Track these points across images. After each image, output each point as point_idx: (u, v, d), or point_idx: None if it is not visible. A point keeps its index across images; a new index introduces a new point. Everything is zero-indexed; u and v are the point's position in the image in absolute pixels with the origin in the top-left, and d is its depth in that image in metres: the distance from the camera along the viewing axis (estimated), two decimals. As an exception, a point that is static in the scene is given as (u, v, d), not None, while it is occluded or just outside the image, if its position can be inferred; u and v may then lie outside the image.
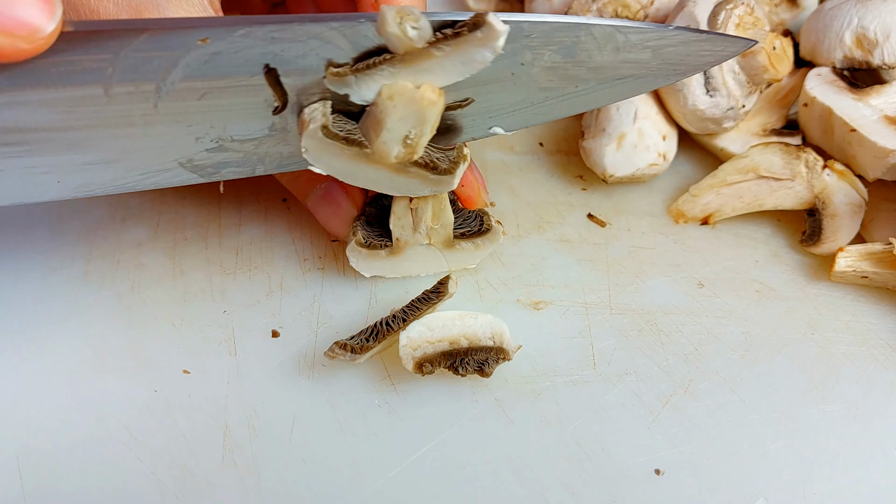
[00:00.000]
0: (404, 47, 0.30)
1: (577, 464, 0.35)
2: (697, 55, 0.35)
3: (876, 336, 0.39)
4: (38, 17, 0.26)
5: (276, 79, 0.32)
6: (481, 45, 0.31)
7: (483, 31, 0.30)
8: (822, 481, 0.34)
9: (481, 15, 0.30)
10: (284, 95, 0.33)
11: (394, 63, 0.31)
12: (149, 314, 0.41)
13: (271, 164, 0.36)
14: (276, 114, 0.33)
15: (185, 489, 0.34)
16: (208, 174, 0.35)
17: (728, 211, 0.44)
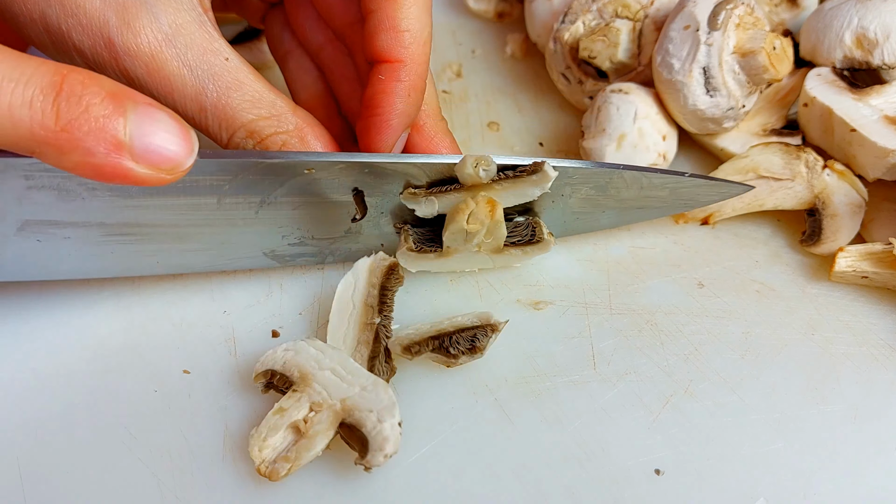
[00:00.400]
0: (472, 182, 0.37)
1: (577, 464, 0.35)
2: (706, 195, 0.42)
3: (876, 336, 0.39)
4: (180, 153, 0.28)
5: (361, 198, 0.38)
6: (534, 184, 0.37)
7: (538, 176, 0.37)
8: (822, 481, 0.34)
9: (539, 163, 0.37)
10: (365, 209, 0.39)
11: (460, 191, 0.37)
12: (149, 314, 0.41)
13: (339, 256, 0.42)
14: (355, 222, 0.39)
15: (185, 489, 0.34)
16: (285, 262, 0.41)
17: (728, 211, 0.44)
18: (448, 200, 0.38)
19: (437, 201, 0.38)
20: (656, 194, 0.41)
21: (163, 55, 0.35)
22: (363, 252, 0.40)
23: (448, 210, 0.38)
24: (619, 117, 0.44)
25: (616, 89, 0.46)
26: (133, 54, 0.35)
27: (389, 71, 0.38)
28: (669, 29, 0.44)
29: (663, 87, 0.45)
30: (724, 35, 0.43)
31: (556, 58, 0.51)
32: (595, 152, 0.45)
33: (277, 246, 0.40)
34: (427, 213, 0.38)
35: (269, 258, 0.40)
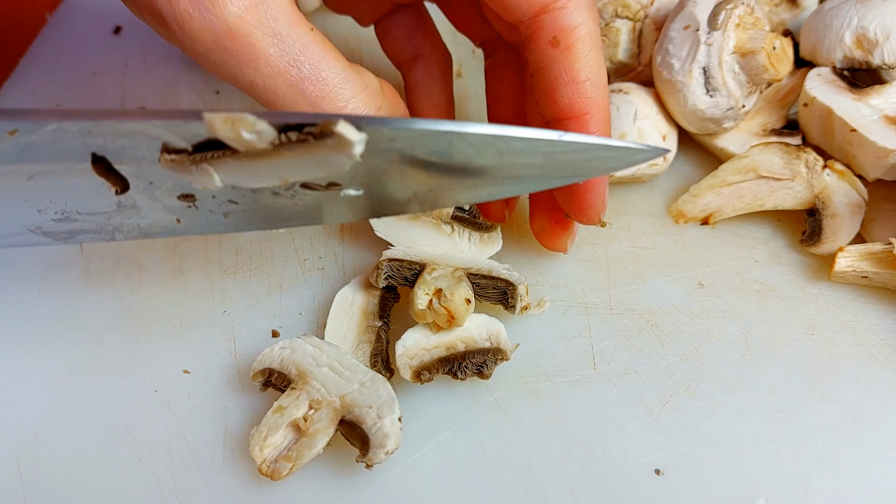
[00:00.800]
0: (245, 148, 0.28)
1: (577, 464, 0.35)
2: (600, 160, 0.32)
3: (876, 336, 0.39)
4: None
5: (107, 167, 0.31)
6: (334, 150, 0.28)
7: (333, 140, 0.27)
8: (822, 481, 0.34)
9: (329, 123, 0.27)
10: (123, 180, 0.31)
11: (238, 157, 0.28)
12: (149, 314, 0.41)
13: (131, 233, 0.35)
14: (120, 194, 0.32)
15: (185, 489, 0.34)
16: (63, 239, 0.35)
17: (728, 211, 0.44)
18: (230, 169, 0.29)
19: (212, 170, 0.29)
20: (526, 161, 0.31)
21: (249, 21, 0.30)
22: (157, 227, 0.34)
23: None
24: (619, 117, 0.44)
25: (616, 89, 0.46)
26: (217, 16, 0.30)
27: (577, 126, 0.35)
28: (669, 29, 0.44)
29: (663, 86, 0.45)
30: (724, 35, 0.43)
31: None
32: (595, 152, 0.45)
33: (40, 222, 0.33)
34: (208, 184, 0.30)
35: (40, 235, 0.34)
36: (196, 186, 0.30)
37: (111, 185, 0.31)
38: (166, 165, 0.29)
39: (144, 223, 0.34)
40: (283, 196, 0.32)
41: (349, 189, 0.32)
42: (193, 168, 0.29)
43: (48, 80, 0.56)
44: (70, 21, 0.61)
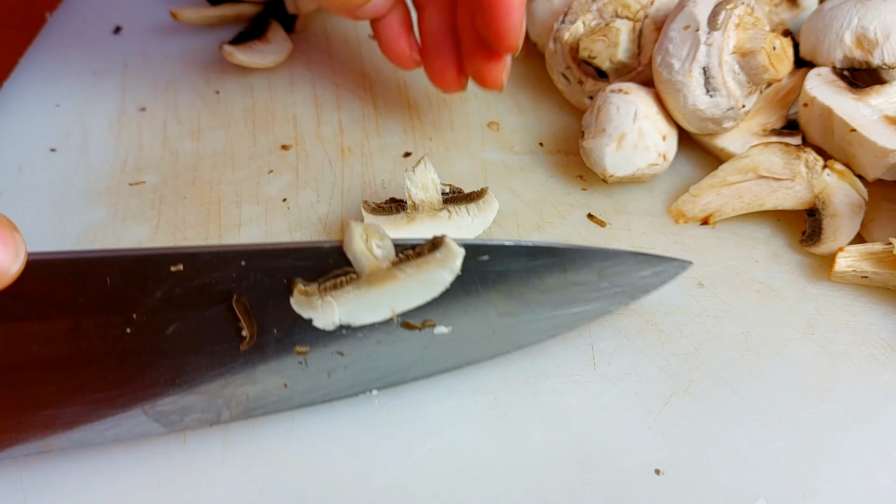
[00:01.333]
0: (370, 267, 0.31)
1: (577, 464, 0.35)
2: (641, 278, 0.37)
3: (876, 336, 0.39)
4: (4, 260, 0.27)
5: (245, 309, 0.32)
6: (440, 265, 0.32)
7: (441, 252, 0.32)
8: (822, 481, 0.34)
9: (439, 237, 0.32)
10: (253, 324, 0.32)
11: (359, 284, 0.32)
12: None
13: (237, 409, 0.35)
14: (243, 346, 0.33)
15: (185, 489, 0.34)
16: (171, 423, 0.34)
17: (728, 211, 0.44)
18: (349, 300, 0.32)
19: (335, 302, 0.32)
20: (583, 279, 0.35)
21: None
22: (262, 399, 0.34)
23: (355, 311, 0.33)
24: (619, 117, 0.44)
25: (616, 89, 0.46)
26: None
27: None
28: (669, 29, 0.44)
29: (663, 87, 0.45)
30: (724, 35, 0.43)
31: (556, 58, 0.51)
32: (595, 152, 0.45)
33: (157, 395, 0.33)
34: (327, 323, 0.32)
35: (151, 419, 0.33)
36: (316, 324, 0.32)
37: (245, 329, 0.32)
38: (297, 302, 0.32)
39: (253, 393, 0.34)
40: (385, 343, 0.34)
41: (441, 326, 0.35)
42: (319, 302, 0.32)
43: (48, 80, 0.56)
44: (70, 21, 0.61)
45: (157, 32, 0.59)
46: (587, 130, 0.46)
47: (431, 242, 0.32)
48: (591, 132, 0.45)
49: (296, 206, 0.46)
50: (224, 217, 0.46)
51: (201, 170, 0.49)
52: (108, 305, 0.31)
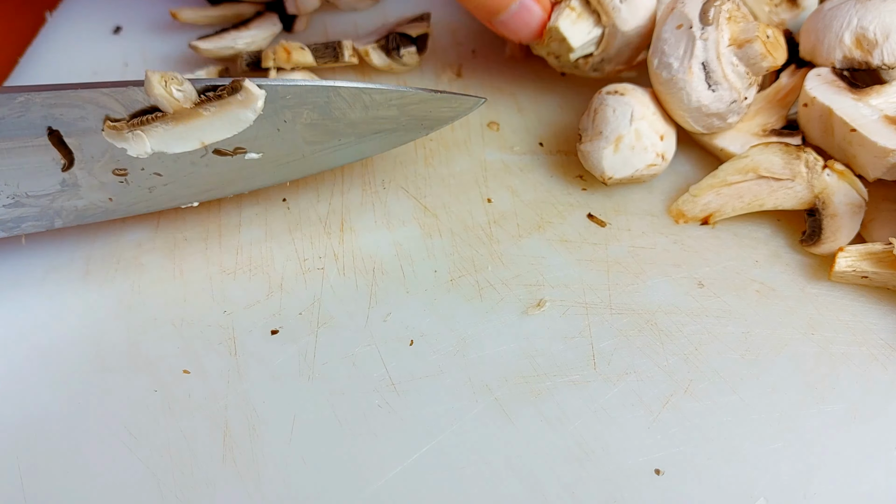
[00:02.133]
0: (173, 107, 0.34)
1: (577, 464, 0.35)
2: (438, 110, 0.41)
3: (876, 336, 0.39)
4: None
5: (59, 139, 0.35)
6: (243, 106, 0.35)
7: (242, 95, 0.35)
8: (822, 481, 0.34)
9: (238, 80, 0.35)
10: (70, 154, 0.36)
11: (166, 120, 0.35)
12: (149, 314, 0.41)
13: (68, 217, 0.39)
14: (65, 171, 0.36)
15: (185, 489, 0.34)
16: (8, 228, 0.39)
17: (728, 211, 0.44)
18: (159, 135, 0.35)
19: (145, 136, 0.35)
20: (386, 114, 0.39)
21: None
22: (91, 210, 0.39)
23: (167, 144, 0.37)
24: (615, 119, 0.44)
25: (612, 91, 0.46)
26: None
27: None
28: (662, 31, 0.44)
29: (663, 88, 0.45)
30: (718, 29, 0.43)
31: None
32: (593, 155, 0.45)
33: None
34: (140, 152, 0.36)
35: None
36: (131, 155, 0.36)
37: (61, 158, 0.36)
38: (108, 133, 0.35)
39: (81, 204, 0.38)
40: (199, 165, 0.38)
41: (252, 153, 0.38)
42: (129, 135, 0.35)
43: (48, 80, 0.55)
44: (70, 21, 0.61)
45: (157, 32, 0.59)
46: (584, 133, 0.46)
47: (231, 86, 0.35)
48: (588, 135, 0.45)
49: (296, 206, 0.46)
50: (224, 217, 0.46)
51: (201, 170, 0.49)
52: None
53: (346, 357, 0.39)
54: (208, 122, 0.35)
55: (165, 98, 0.34)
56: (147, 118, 0.35)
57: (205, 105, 0.35)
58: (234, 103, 0.35)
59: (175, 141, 0.36)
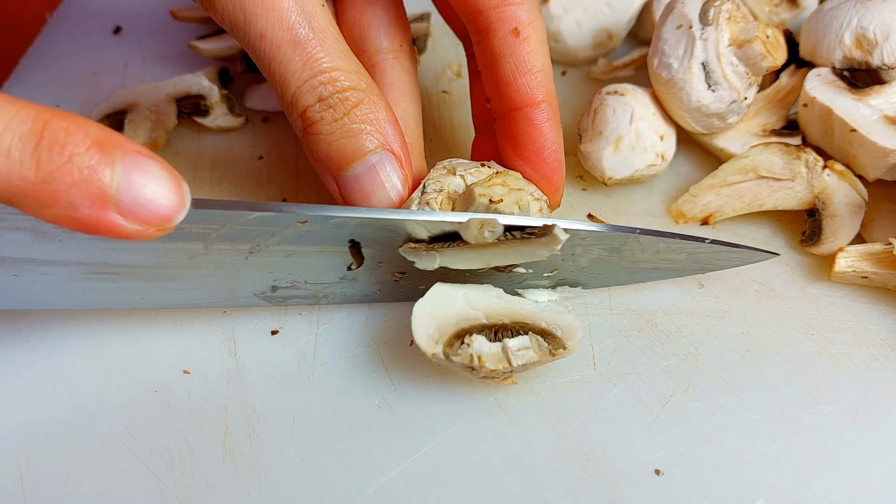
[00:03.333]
0: (477, 242, 0.34)
1: (577, 464, 0.35)
2: (726, 261, 0.40)
3: (876, 336, 0.39)
4: (171, 207, 0.27)
5: (358, 249, 0.36)
6: (542, 246, 0.35)
7: (547, 239, 0.34)
8: (822, 481, 0.34)
9: (549, 226, 0.34)
10: (362, 259, 0.37)
11: (463, 247, 0.35)
12: (149, 314, 0.41)
13: (334, 299, 0.40)
14: (350, 270, 0.37)
15: (185, 489, 0.34)
16: (276, 302, 0.40)
17: (728, 211, 0.44)
18: (450, 255, 0.36)
19: (438, 256, 0.36)
20: (673, 258, 0.39)
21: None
22: (359, 296, 0.40)
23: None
24: (615, 119, 0.44)
25: (611, 91, 0.46)
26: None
27: (535, 114, 0.38)
28: (662, 31, 0.44)
29: (664, 88, 0.45)
30: (718, 29, 0.43)
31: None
32: (592, 155, 0.45)
33: (268, 289, 0.38)
34: (428, 266, 0.36)
35: (260, 299, 0.39)
36: (417, 266, 0.36)
37: (354, 262, 0.37)
38: (405, 251, 0.36)
39: (351, 292, 0.39)
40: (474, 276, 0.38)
41: (521, 268, 0.38)
42: (424, 254, 0.35)
43: (48, 80, 0.56)
44: (70, 21, 0.61)
45: (157, 32, 0.59)
46: (584, 134, 0.46)
47: (541, 230, 0.34)
48: (589, 135, 0.45)
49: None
50: (224, 217, 0.46)
51: (201, 170, 0.49)
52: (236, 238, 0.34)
53: (346, 357, 0.39)
54: (502, 252, 0.35)
55: (475, 238, 0.34)
56: (448, 244, 0.35)
57: (507, 242, 0.35)
58: (535, 244, 0.35)
59: (464, 261, 0.36)
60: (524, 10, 0.38)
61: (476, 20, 0.39)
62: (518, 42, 0.38)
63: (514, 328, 0.36)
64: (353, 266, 0.37)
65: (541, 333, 0.36)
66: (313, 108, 0.36)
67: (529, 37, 0.38)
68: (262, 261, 0.36)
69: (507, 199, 0.36)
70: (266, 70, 0.36)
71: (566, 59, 0.55)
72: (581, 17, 0.53)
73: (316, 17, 0.35)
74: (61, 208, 0.25)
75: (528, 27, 0.38)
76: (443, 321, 0.36)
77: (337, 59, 0.35)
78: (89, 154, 0.25)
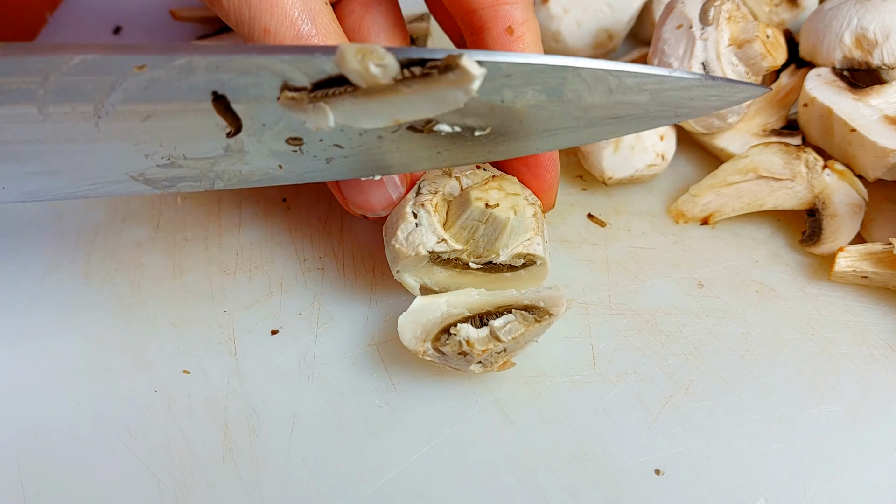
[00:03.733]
0: (367, 82, 0.28)
1: (577, 464, 0.35)
2: (702, 99, 0.33)
3: (876, 336, 0.39)
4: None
5: (226, 105, 0.31)
6: (454, 86, 0.28)
7: (455, 74, 0.27)
8: (822, 481, 0.34)
9: (454, 57, 0.27)
10: (237, 121, 0.31)
11: (356, 95, 0.29)
12: (149, 314, 0.41)
13: (231, 180, 0.35)
14: (231, 137, 0.32)
15: (185, 489, 0.34)
16: (163, 187, 0.35)
17: (728, 211, 0.44)
18: (345, 108, 0.30)
19: (328, 108, 0.30)
20: (633, 99, 0.32)
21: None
22: (257, 175, 0.34)
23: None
24: (618, 118, 0.44)
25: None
26: None
27: None
28: (662, 31, 0.44)
29: (663, 87, 0.45)
30: (718, 29, 0.43)
31: None
32: (593, 155, 0.45)
33: (144, 168, 0.33)
34: (321, 124, 0.30)
35: (140, 182, 0.34)
36: (309, 127, 0.30)
37: (227, 125, 0.31)
38: (284, 104, 0.30)
39: (246, 169, 0.34)
40: (387, 139, 0.32)
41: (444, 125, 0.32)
42: (310, 107, 0.29)
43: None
44: (70, 21, 0.61)
45: (157, 32, 0.59)
46: (587, 131, 0.46)
47: (444, 62, 0.28)
48: (591, 133, 0.45)
49: (296, 206, 0.46)
50: (224, 217, 0.46)
51: (201, 170, 0.49)
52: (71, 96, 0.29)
53: (346, 357, 0.39)
54: (408, 99, 0.29)
55: (361, 74, 0.28)
56: (334, 91, 0.29)
57: (407, 82, 0.28)
58: (443, 82, 0.28)
59: (364, 117, 0.30)
60: (518, 9, 0.38)
61: (470, 19, 0.39)
62: (512, 41, 0.38)
63: (498, 312, 0.36)
64: (231, 133, 0.32)
65: (524, 309, 0.36)
66: None
67: (523, 35, 0.38)
68: (115, 127, 0.31)
69: (504, 203, 0.36)
70: None
71: (566, 59, 0.55)
72: (581, 17, 0.53)
73: (319, 14, 0.35)
74: None
75: (523, 26, 0.38)
76: (428, 323, 0.36)
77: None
78: None
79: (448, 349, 0.35)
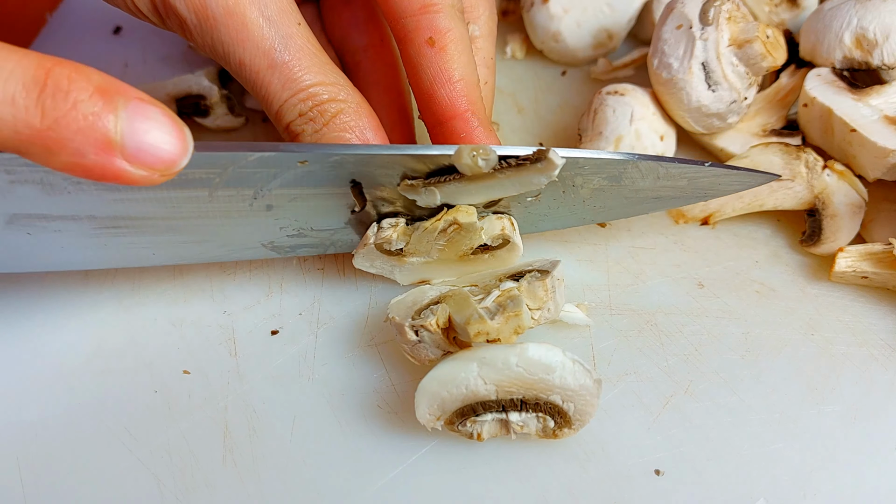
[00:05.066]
0: (473, 172, 0.35)
1: (577, 464, 0.35)
2: (727, 184, 0.40)
3: (876, 336, 0.39)
4: (174, 152, 0.27)
5: (359, 190, 0.36)
6: (539, 172, 0.35)
7: (543, 164, 0.34)
8: (822, 481, 0.34)
9: (543, 151, 0.34)
10: (364, 201, 0.37)
11: (461, 181, 0.35)
12: (149, 314, 0.41)
13: (342, 247, 0.40)
14: (355, 214, 0.38)
15: (185, 489, 0.34)
16: (284, 252, 0.40)
17: (728, 211, 0.44)
18: (449, 190, 0.36)
19: (437, 191, 0.36)
20: (674, 184, 0.39)
21: (245, 3, 0.34)
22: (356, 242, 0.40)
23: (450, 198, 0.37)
24: (615, 119, 0.44)
25: (612, 91, 0.46)
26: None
27: (462, 124, 0.38)
28: (662, 31, 0.44)
29: (663, 88, 0.45)
30: (718, 29, 0.43)
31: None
32: (595, 153, 0.45)
33: (276, 237, 0.39)
34: (429, 203, 0.37)
35: (269, 249, 0.39)
36: (419, 204, 0.37)
37: (356, 204, 0.37)
38: (404, 190, 0.36)
39: (357, 239, 0.40)
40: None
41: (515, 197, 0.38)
42: (423, 190, 0.36)
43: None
44: (70, 21, 0.61)
45: (157, 32, 0.59)
46: (584, 134, 0.46)
47: (535, 155, 0.35)
48: (589, 135, 0.45)
49: (296, 206, 0.46)
50: (224, 217, 0.46)
51: (201, 170, 0.49)
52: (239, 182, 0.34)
53: (346, 357, 0.39)
54: (500, 183, 0.36)
55: (470, 167, 0.34)
56: (445, 178, 0.35)
57: (503, 171, 0.35)
58: (532, 170, 0.35)
59: (464, 196, 0.36)
60: (442, 17, 0.37)
61: (396, 28, 0.38)
62: (434, 52, 0.37)
63: (525, 401, 0.34)
64: (356, 209, 0.37)
65: (551, 408, 0.34)
66: (295, 123, 0.37)
67: (446, 46, 0.37)
68: (266, 206, 0.36)
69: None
70: (251, 92, 0.37)
71: (566, 59, 0.55)
72: (581, 17, 0.53)
73: (292, 38, 0.36)
74: (68, 155, 0.25)
75: (445, 36, 0.37)
76: (448, 399, 0.33)
77: (316, 75, 0.36)
78: (93, 100, 0.25)
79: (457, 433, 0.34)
